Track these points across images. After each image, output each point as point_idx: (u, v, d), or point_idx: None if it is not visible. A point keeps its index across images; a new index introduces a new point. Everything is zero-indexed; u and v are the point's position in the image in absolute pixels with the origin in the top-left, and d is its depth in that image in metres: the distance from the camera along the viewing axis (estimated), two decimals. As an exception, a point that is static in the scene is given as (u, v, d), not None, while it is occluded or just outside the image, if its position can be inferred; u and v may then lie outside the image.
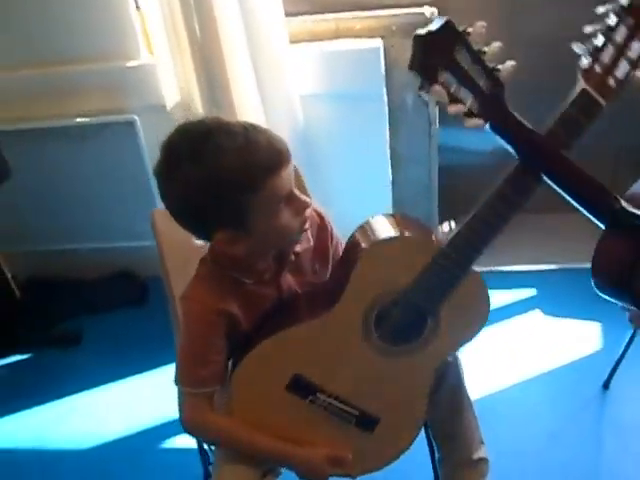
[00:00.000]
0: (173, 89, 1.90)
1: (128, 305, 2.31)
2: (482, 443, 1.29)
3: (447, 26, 0.86)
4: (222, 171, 0.95)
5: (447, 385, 1.20)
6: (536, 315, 2.08)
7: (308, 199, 1.05)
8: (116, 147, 2.04)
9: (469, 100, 0.90)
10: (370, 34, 1.92)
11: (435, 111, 2.03)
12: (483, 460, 1.29)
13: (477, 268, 1.02)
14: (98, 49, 1.96)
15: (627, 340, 1.72)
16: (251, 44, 1.81)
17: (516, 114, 0.93)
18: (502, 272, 2.19)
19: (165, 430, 1.84)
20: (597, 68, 0.92)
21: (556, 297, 2.12)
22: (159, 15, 1.81)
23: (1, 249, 2.25)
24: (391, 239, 1.03)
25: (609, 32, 0.91)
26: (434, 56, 0.87)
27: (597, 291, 1.05)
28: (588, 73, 0.92)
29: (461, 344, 1.12)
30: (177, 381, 1.11)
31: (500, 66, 0.90)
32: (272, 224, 1.01)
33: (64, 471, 1.79)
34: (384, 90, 1.94)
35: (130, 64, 1.95)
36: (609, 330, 1.98)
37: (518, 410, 1.79)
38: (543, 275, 2.22)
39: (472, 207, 0.98)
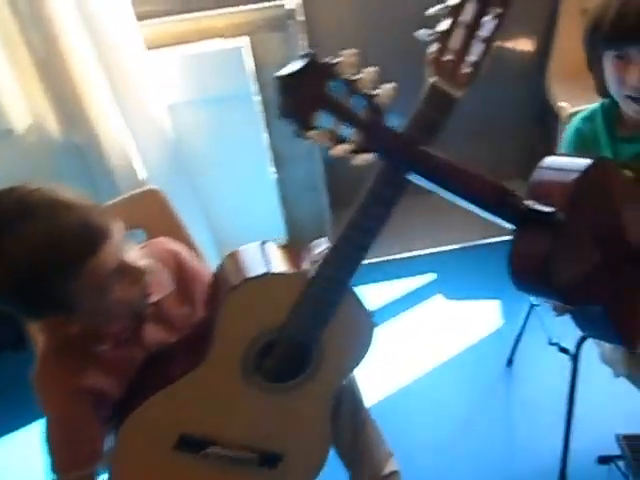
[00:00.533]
0: (21, 111, 1.71)
1: (7, 348, 2.10)
2: (390, 455, 1.26)
3: (311, 62, 0.76)
4: (24, 264, 0.83)
5: (345, 409, 1.17)
6: (438, 300, 2.07)
7: (145, 263, 0.95)
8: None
9: (351, 135, 0.80)
10: (235, 32, 1.81)
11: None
12: (393, 473, 1.26)
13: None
14: None
15: (526, 314, 1.74)
16: (102, 54, 1.64)
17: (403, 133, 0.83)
18: (399, 260, 2.17)
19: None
20: (447, 56, 0.82)
21: (456, 279, 2.11)
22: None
23: None
24: (254, 278, 0.96)
25: (455, 12, 0.81)
26: (303, 98, 0.77)
27: (520, 291, 0.97)
28: (437, 63, 0.82)
29: (351, 367, 1.07)
30: (53, 470, 0.99)
31: (378, 90, 0.80)
32: (105, 301, 0.91)
33: None
34: (254, 89, 1.84)
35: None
36: (508, 306, 2.00)
37: (427, 401, 1.77)
38: (441, 257, 2.20)
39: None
